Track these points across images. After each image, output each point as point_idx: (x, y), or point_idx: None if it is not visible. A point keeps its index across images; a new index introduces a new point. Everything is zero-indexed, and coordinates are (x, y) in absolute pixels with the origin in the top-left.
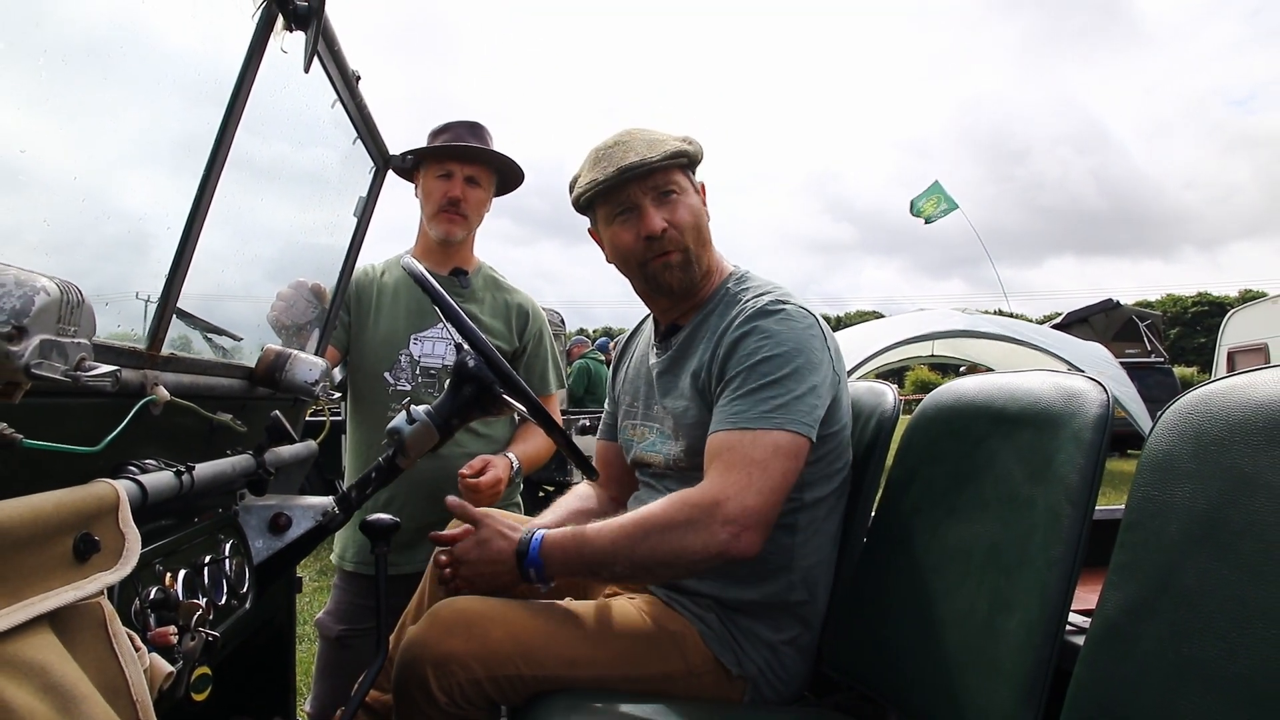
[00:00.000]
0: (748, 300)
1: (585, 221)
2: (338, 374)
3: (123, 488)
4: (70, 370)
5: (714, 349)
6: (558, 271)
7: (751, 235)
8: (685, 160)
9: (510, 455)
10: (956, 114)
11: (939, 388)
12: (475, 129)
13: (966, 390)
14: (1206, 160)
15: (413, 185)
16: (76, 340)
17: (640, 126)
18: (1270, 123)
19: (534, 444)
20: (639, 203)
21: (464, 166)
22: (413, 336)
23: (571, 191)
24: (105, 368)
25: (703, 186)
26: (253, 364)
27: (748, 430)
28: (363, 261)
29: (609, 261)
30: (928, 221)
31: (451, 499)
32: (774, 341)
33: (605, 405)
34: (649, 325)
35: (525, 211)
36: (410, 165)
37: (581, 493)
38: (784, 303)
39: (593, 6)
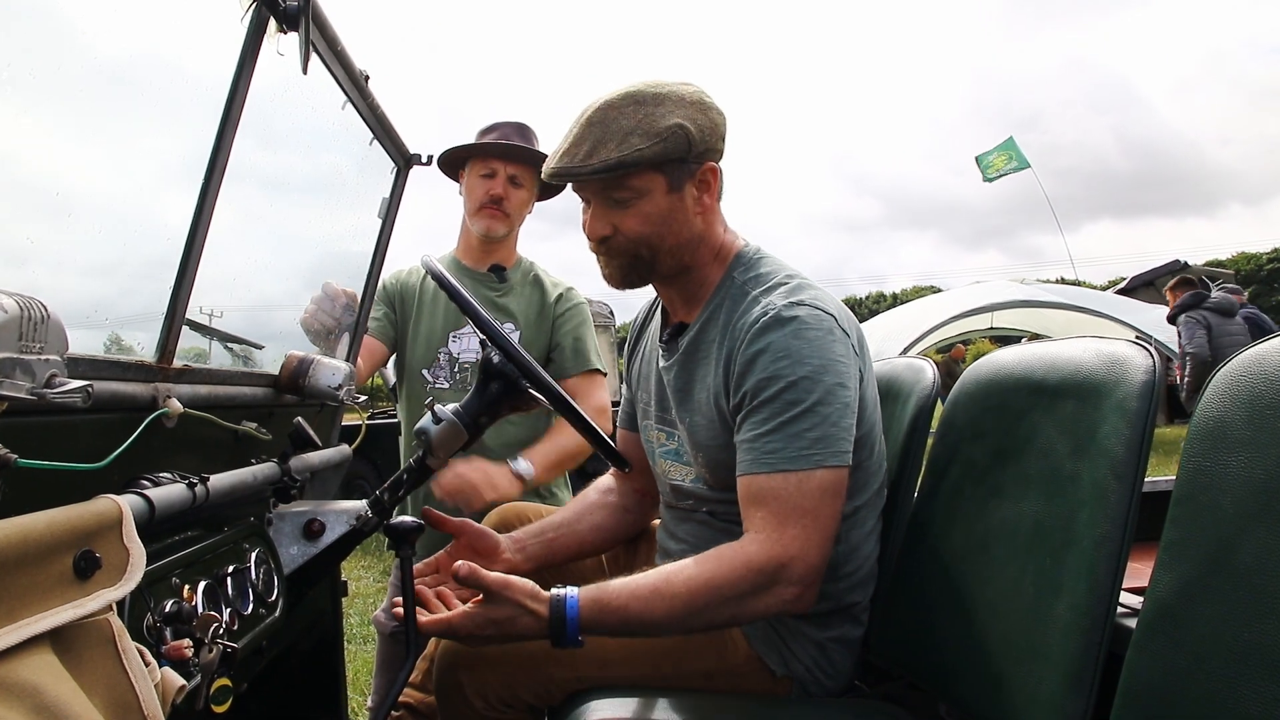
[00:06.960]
0: (756, 298)
1: None
2: (391, 375)
3: (126, 503)
4: (38, 388)
5: (726, 365)
6: (588, 265)
7: (778, 221)
8: (642, 164)
9: (521, 463)
10: (965, 86)
11: (977, 360)
12: (523, 130)
13: (1005, 362)
14: (1240, 114)
15: (457, 184)
16: (45, 357)
17: (651, 88)
18: None
19: (559, 443)
20: (587, 200)
21: (508, 166)
22: (451, 334)
23: None
24: (76, 383)
25: (710, 171)
26: (277, 371)
27: (790, 473)
28: (405, 262)
29: None
30: (990, 180)
31: (461, 565)
32: (794, 361)
33: (622, 392)
34: (658, 313)
35: (542, 208)
36: (441, 162)
37: (604, 485)
38: (798, 304)
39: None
